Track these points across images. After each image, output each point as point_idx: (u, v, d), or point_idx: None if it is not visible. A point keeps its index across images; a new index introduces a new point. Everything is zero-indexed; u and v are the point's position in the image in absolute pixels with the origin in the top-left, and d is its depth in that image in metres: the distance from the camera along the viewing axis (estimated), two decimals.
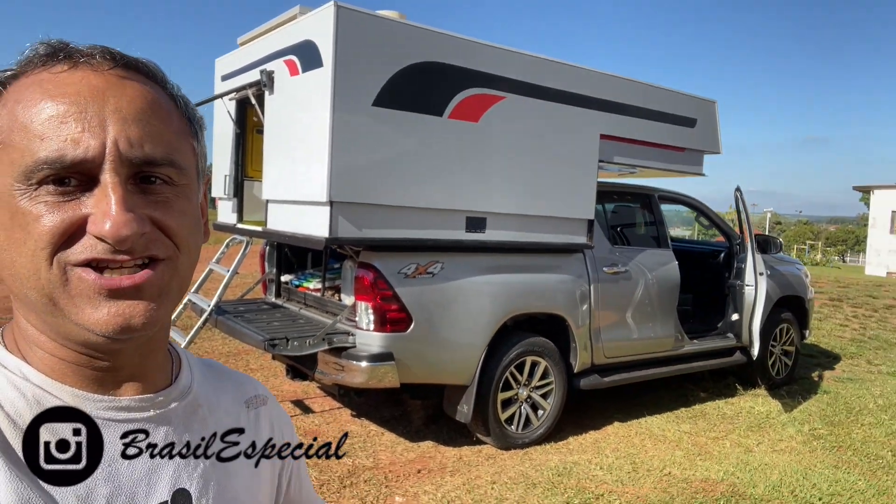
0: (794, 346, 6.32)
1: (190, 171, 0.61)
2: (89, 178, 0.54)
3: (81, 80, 0.55)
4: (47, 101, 0.54)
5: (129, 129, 0.55)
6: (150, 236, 0.56)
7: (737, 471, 4.16)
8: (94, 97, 0.55)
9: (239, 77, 4.50)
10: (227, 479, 0.67)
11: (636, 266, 5.03)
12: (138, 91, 0.58)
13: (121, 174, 0.54)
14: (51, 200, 0.53)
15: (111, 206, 0.53)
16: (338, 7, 3.38)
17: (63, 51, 0.57)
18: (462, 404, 4.11)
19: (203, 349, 6.30)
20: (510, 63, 4.05)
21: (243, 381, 0.79)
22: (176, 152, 0.58)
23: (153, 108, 0.58)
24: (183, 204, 0.59)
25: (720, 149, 5.50)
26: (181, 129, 0.61)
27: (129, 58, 0.60)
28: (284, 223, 3.99)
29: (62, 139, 0.53)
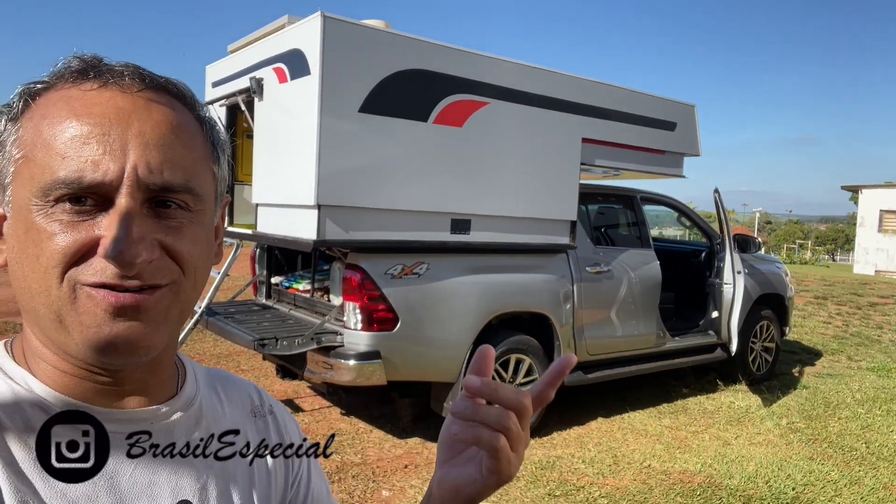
0: (775, 343, 6.47)
1: (207, 196, 0.61)
2: (106, 200, 0.54)
3: (109, 100, 0.56)
4: (72, 120, 0.55)
5: (149, 155, 0.55)
6: (159, 263, 0.56)
7: (714, 463, 4.30)
8: (118, 120, 0.55)
9: (229, 84, 4.61)
10: (230, 490, 0.68)
11: (619, 265, 5.16)
12: (164, 115, 0.58)
13: (136, 199, 0.55)
14: (66, 219, 0.54)
15: (121, 232, 0.53)
16: (324, 17, 3.49)
17: (95, 68, 0.58)
18: (448, 401, 4.23)
19: (194, 350, 6.39)
20: (493, 70, 4.17)
21: (249, 390, 0.80)
22: (194, 178, 0.59)
23: (177, 133, 0.58)
24: (196, 230, 0.60)
25: (699, 151, 5.65)
26: (203, 155, 0.62)
27: (160, 79, 0.60)
28: (274, 226, 4.10)
29: (83, 160, 0.54)
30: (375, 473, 3.87)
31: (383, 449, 4.26)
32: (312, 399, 5.20)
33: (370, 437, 4.46)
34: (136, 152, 0.55)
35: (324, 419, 4.75)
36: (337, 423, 4.67)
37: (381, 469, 3.94)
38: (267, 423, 0.77)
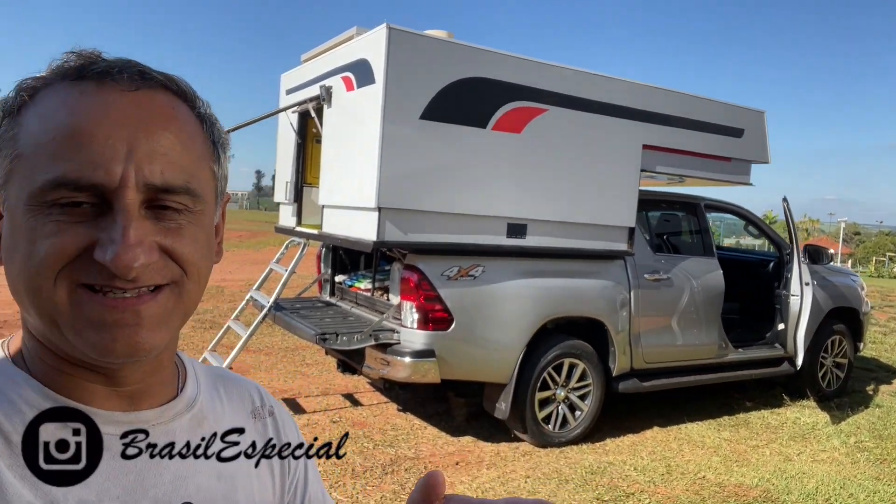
0: (847, 359, 6.21)
1: (207, 196, 0.61)
2: (104, 202, 0.54)
3: (107, 99, 0.55)
4: (70, 120, 0.54)
5: (148, 156, 0.54)
6: (157, 265, 0.56)
7: (773, 478, 4.20)
8: (117, 119, 0.54)
9: (301, 91, 4.87)
10: (234, 493, 0.67)
11: (679, 273, 5.11)
12: (163, 114, 0.57)
13: (134, 201, 0.54)
14: (62, 220, 0.53)
15: (119, 234, 0.52)
16: (390, 29, 3.66)
17: (93, 65, 0.56)
18: (500, 402, 4.32)
19: (263, 344, 6.73)
20: (552, 77, 4.24)
21: (250, 390, 0.78)
22: (194, 179, 0.58)
23: (176, 133, 0.57)
24: (196, 231, 0.59)
25: (769, 158, 5.51)
26: (203, 154, 0.61)
27: (159, 76, 0.59)
28: (338, 227, 4.31)
29: (80, 161, 0.53)
30: (427, 468, 4.00)
31: (436, 445, 4.39)
32: (371, 394, 5.40)
33: (424, 433, 4.59)
34: (135, 153, 0.54)
35: (381, 414, 4.93)
36: (393, 419, 4.83)
37: (432, 464, 4.07)
38: (266, 424, 0.76)
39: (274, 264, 5.34)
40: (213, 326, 7.28)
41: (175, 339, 0.65)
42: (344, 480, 3.71)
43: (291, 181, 5.19)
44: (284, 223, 5.43)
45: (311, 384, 5.55)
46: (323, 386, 5.52)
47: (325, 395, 5.28)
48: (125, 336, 0.55)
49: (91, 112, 0.54)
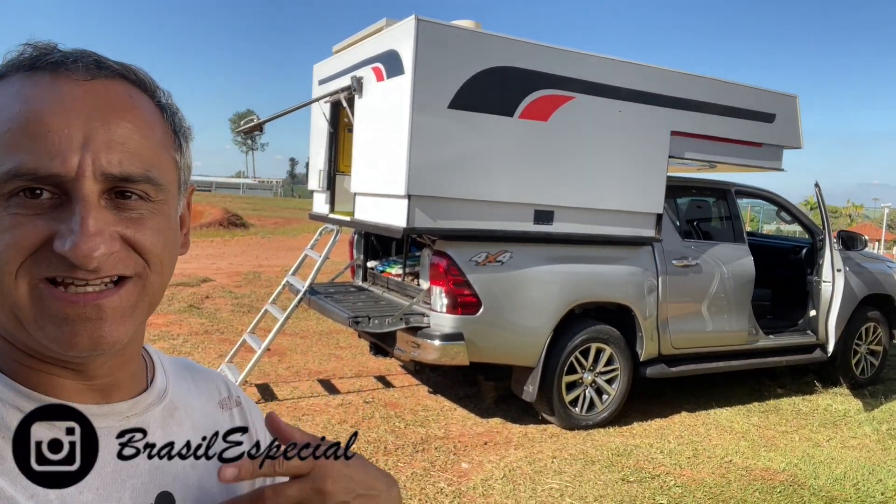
0: (882, 346, 6.13)
1: (169, 186, 0.60)
2: (63, 192, 0.53)
3: (62, 89, 0.54)
4: (25, 110, 0.53)
5: (105, 145, 0.54)
6: (119, 255, 0.54)
7: (801, 463, 4.22)
8: (73, 109, 0.53)
9: (333, 82, 4.99)
10: (208, 480, 0.66)
11: (708, 259, 5.11)
12: (120, 103, 0.56)
13: (94, 190, 0.53)
14: (20, 213, 0.52)
15: (77, 225, 0.51)
16: (418, 20, 3.75)
17: (49, 55, 0.56)
18: (528, 384, 4.41)
19: (298, 328, 6.93)
20: (579, 65, 4.28)
21: (216, 381, 0.78)
22: (154, 168, 0.57)
23: (135, 121, 0.56)
24: (158, 221, 0.58)
25: (801, 143, 5.45)
26: (163, 143, 0.60)
27: (116, 66, 0.58)
28: (369, 214, 4.44)
29: (37, 151, 0.52)
30: (457, 447, 4.13)
31: (466, 426, 4.51)
32: (403, 376, 5.55)
33: (454, 414, 4.72)
34: (92, 143, 0.53)
35: (412, 395, 5.08)
36: (424, 400, 4.97)
37: (462, 444, 4.19)
38: (233, 414, 0.76)
39: (308, 250, 5.51)
40: (250, 311, 7.52)
41: (141, 332, 0.64)
42: (377, 457, 3.86)
43: (324, 170, 5.33)
44: (318, 210, 5.59)
45: (345, 366, 5.73)
46: (356, 368, 5.70)
47: (358, 377, 5.45)
48: (88, 330, 0.54)
49: (46, 102, 0.53)
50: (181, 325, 6.70)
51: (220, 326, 6.83)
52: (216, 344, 6.07)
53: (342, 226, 5.15)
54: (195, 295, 8.31)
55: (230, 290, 8.91)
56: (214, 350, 5.86)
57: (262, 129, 4.73)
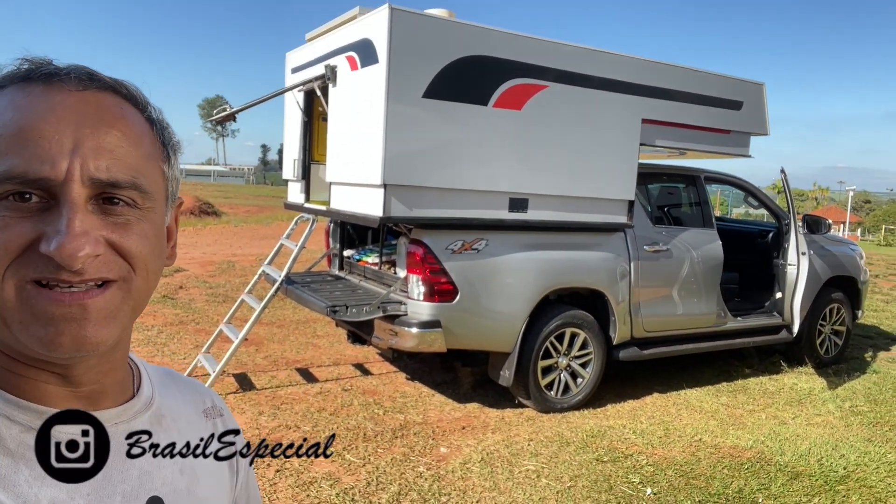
0: (845, 326, 6.35)
1: (156, 195, 0.61)
2: (51, 196, 0.54)
3: (54, 98, 0.56)
4: (17, 117, 0.55)
5: (94, 151, 0.55)
6: (105, 258, 0.56)
7: (767, 440, 4.38)
8: (64, 116, 0.55)
9: (307, 70, 4.97)
10: (195, 485, 0.69)
11: (678, 244, 5.23)
12: (110, 113, 0.58)
13: (81, 194, 0.55)
14: (8, 216, 0.54)
15: (64, 226, 0.53)
16: (391, 9, 3.75)
17: (42, 69, 0.58)
18: (504, 370, 4.49)
19: (275, 317, 6.93)
20: (552, 54, 4.32)
21: (200, 391, 0.80)
22: (142, 176, 0.59)
23: (124, 129, 0.58)
24: (144, 227, 0.59)
25: (768, 130, 5.58)
26: (151, 153, 0.61)
27: (108, 79, 0.60)
28: (345, 203, 4.45)
29: (27, 156, 0.53)
30: (435, 432, 4.20)
31: (443, 411, 4.58)
32: (381, 364, 5.59)
33: (432, 400, 4.79)
34: (81, 148, 0.55)
35: (390, 382, 5.13)
36: (402, 387, 5.03)
37: (440, 429, 4.26)
38: (216, 424, 0.78)
39: (284, 240, 5.50)
40: (226, 300, 7.48)
41: (127, 339, 0.65)
42: (356, 444, 3.91)
43: (299, 159, 5.31)
44: (293, 199, 5.57)
45: (323, 355, 5.75)
46: (334, 356, 5.73)
47: (336, 365, 5.48)
48: (71, 330, 0.55)
49: (38, 110, 0.55)
50: (155, 315, 6.65)
51: (195, 317, 6.79)
52: (192, 334, 6.05)
53: (318, 215, 5.15)
54: (169, 285, 8.23)
55: (204, 280, 8.84)
56: (190, 340, 5.84)
57: (235, 118, 4.70)
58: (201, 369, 4.86)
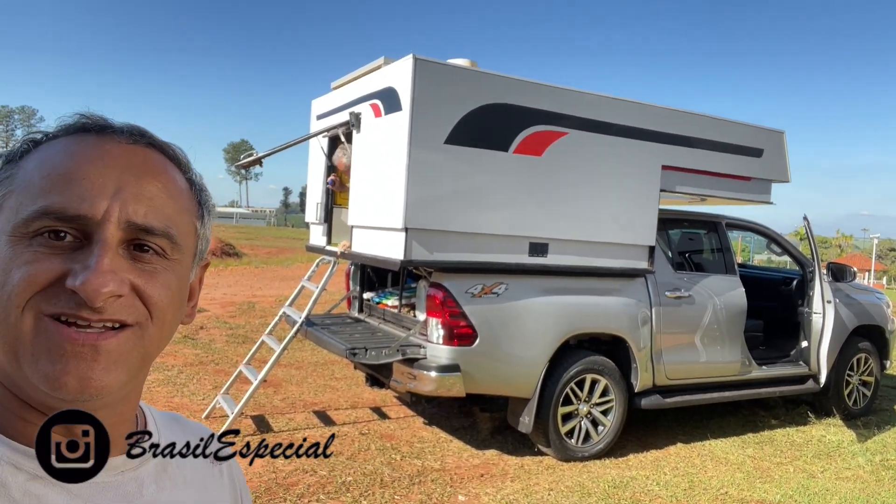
0: (874, 377, 6.19)
1: (186, 249, 0.63)
2: (85, 236, 0.56)
3: (104, 147, 0.59)
4: (66, 160, 0.57)
5: (135, 196, 0.57)
6: (126, 301, 0.56)
7: (795, 494, 4.24)
8: (110, 163, 0.58)
9: (331, 117, 5.10)
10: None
11: (700, 291, 5.18)
12: (154, 165, 0.61)
13: (115, 236, 0.56)
14: (41, 251, 0.55)
15: (93, 262, 0.54)
16: (416, 60, 3.87)
17: (98, 123, 0.61)
18: (524, 416, 4.43)
19: (294, 359, 6.93)
20: (571, 102, 4.40)
21: (205, 436, 0.79)
22: (175, 227, 0.60)
23: (165, 182, 0.61)
24: (169, 278, 0.60)
25: (789, 177, 5.58)
26: (188, 209, 0.64)
27: (157, 139, 0.63)
28: (366, 246, 4.50)
29: (69, 194, 0.55)
30: (453, 479, 4.13)
31: (462, 458, 4.51)
32: (398, 408, 5.55)
33: (450, 446, 4.72)
34: (122, 193, 0.57)
35: (408, 427, 5.07)
36: (420, 432, 4.97)
37: (458, 476, 4.19)
38: (222, 469, 0.78)
39: (305, 281, 5.55)
40: (245, 341, 7.52)
41: (136, 393, 0.66)
42: (373, 490, 3.85)
43: (321, 202, 5.40)
44: (315, 242, 5.64)
45: (341, 397, 5.72)
46: (352, 399, 5.70)
47: (353, 408, 5.44)
48: (79, 370, 0.54)
49: (87, 156, 0.58)
50: (176, 355, 6.69)
51: (214, 357, 6.82)
52: (211, 375, 6.06)
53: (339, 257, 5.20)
54: (189, 325, 8.30)
55: (224, 321, 8.90)
56: (209, 381, 5.85)
57: (262, 163, 4.81)
58: (220, 410, 4.86)
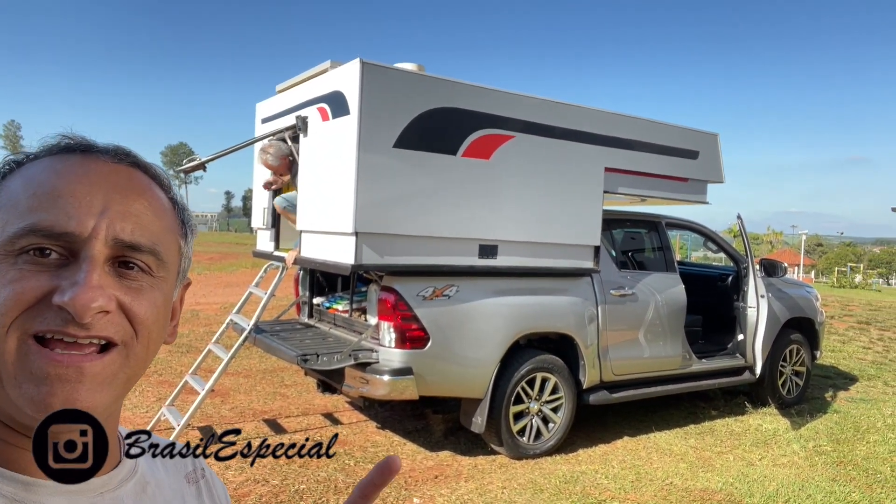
0: (805, 367, 6.52)
1: (171, 266, 0.63)
2: (71, 253, 0.56)
3: (89, 166, 0.59)
4: (52, 179, 0.57)
5: (121, 215, 0.58)
6: (112, 318, 0.56)
7: (736, 482, 4.42)
8: (96, 182, 0.58)
9: (277, 121, 5.03)
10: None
11: (643, 288, 5.36)
12: (139, 184, 0.61)
13: (102, 252, 0.56)
14: (27, 268, 0.54)
15: (81, 278, 0.54)
16: (363, 63, 3.87)
17: (82, 144, 0.61)
18: (476, 416, 4.48)
19: (242, 366, 6.79)
20: (518, 106, 4.48)
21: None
22: (161, 244, 0.61)
23: (150, 200, 0.61)
24: (155, 295, 0.61)
25: (723, 178, 5.82)
26: (172, 227, 0.64)
27: (141, 159, 0.64)
28: (316, 251, 4.46)
29: (56, 212, 0.55)
30: (408, 482, 4.13)
31: (416, 460, 4.52)
32: (350, 413, 5.51)
33: (404, 449, 4.73)
34: (109, 211, 0.57)
35: (361, 432, 5.05)
36: (373, 436, 4.96)
37: (413, 479, 4.20)
38: (200, 487, 0.77)
39: (253, 287, 5.45)
40: (189, 350, 7.31)
41: (117, 414, 0.65)
42: (327, 497, 3.83)
43: (268, 207, 5.32)
44: (262, 248, 5.55)
45: (291, 405, 5.65)
46: (303, 406, 5.63)
47: (305, 416, 5.38)
48: (64, 392, 0.54)
49: (73, 174, 0.58)
50: None
51: (157, 368, 6.61)
52: (154, 387, 5.88)
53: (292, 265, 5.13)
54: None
55: None
56: (153, 393, 5.67)
57: (206, 168, 4.70)
58: (164, 423, 4.72)
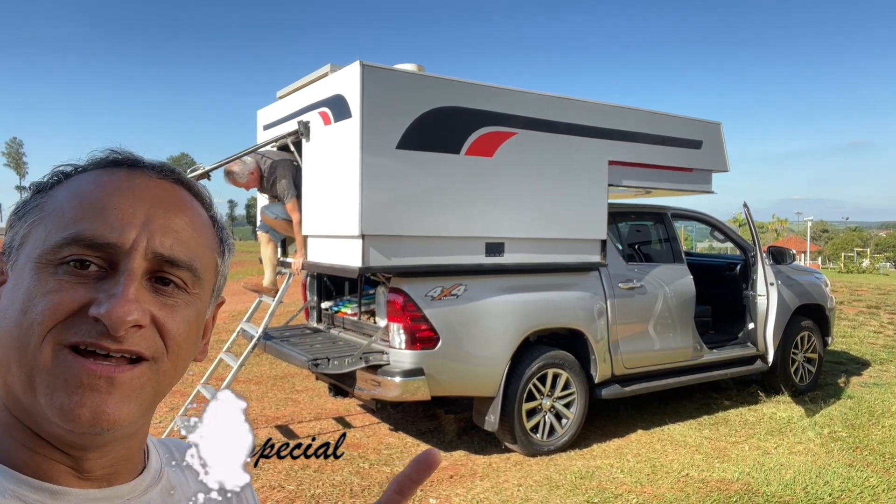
0: (817, 354, 6.49)
1: (206, 283, 0.64)
2: (111, 265, 0.57)
3: (134, 181, 0.60)
4: (98, 191, 0.59)
5: (162, 229, 0.59)
6: (146, 333, 0.57)
7: (752, 471, 4.40)
8: (141, 195, 0.59)
9: (279, 126, 5.04)
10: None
11: (651, 281, 5.34)
12: (181, 201, 0.63)
13: (141, 266, 0.57)
14: (66, 279, 0.55)
15: (119, 290, 0.55)
16: (363, 66, 3.87)
17: (128, 160, 0.63)
18: (489, 414, 4.47)
19: (252, 374, 6.80)
20: (519, 102, 4.47)
21: None
22: (199, 260, 0.62)
23: (191, 217, 0.62)
24: (189, 312, 0.61)
25: (727, 167, 5.80)
26: (210, 245, 0.65)
27: (185, 176, 0.65)
28: (323, 255, 4.46)
29: (98, 223, 0.56)
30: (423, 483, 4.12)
31: None
32: (363, 416, 5.51)
33: (417, 450, 4.72)
34: (151, 225, 0.58)
35: (374, 434, 5.05)
36: (386, 438, 4.96)
37: (428, 479, 4.19)
38: None
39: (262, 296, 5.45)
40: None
41: (145, 429, 0.66)
42: (343, 500, 3.82)
43: None
44: None
45: (303, 410, 5.65)
46: (315, 411, 5.63)
47: (317, 420, 5.38)
48: (94, 402, 0.54)
49: (118, 188, 0.59)
50: None
51: None
52: (167, 397, 5.80)
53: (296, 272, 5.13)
54: None
55: None
56: (165, 403, 5.68)
57: (210, 177, 4.71)
58: (178, 432, 4.73)
